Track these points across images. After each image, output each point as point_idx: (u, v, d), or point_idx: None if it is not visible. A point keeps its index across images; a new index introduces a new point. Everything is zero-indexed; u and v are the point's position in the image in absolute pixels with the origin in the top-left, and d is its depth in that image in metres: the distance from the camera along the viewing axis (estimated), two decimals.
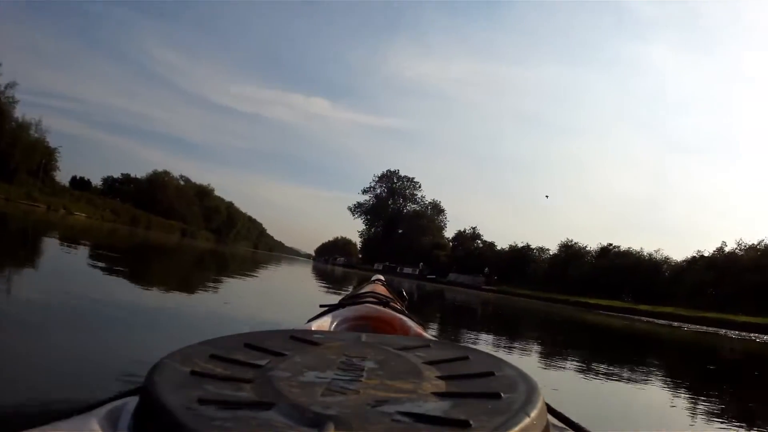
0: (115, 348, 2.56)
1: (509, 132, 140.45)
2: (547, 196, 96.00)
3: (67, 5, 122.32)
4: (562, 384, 4.16)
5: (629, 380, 5.09)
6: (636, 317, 31.82)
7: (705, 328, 27.43)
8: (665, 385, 5.25)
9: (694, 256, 55.77)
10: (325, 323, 1.41)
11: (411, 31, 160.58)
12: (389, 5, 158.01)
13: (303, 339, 0.70)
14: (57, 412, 0.54)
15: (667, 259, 60.16)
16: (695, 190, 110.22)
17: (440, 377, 0.57)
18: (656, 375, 6.18)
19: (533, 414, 0.48)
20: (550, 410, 0.60)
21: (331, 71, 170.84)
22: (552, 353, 6.64)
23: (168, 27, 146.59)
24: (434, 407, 0.48)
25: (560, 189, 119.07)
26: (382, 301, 1.69)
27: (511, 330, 10.09)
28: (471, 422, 0.45)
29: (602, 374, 5.15)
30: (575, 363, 5.94)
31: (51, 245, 9.60)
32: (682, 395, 4.83)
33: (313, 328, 1.25)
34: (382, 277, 3.00)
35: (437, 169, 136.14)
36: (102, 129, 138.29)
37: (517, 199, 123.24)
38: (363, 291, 2.06)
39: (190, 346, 0.62)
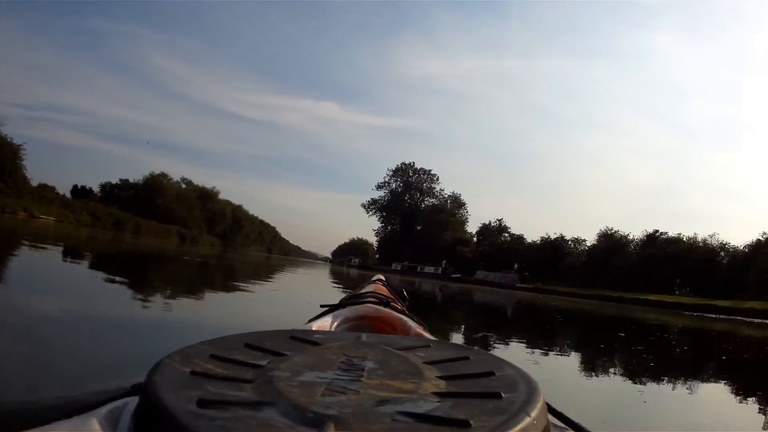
0: None
1: (521, 126, 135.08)
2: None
3: (67, 24, 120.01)
4: None
5: None
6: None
7: None
8: None
9: (759, 240, 47.69)
10: (325, 323, 1.40)
11: (416, 29, 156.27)
12: (393, 4, 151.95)
13: (303, 339, 0.70)
14: (57, 412, 0.53)
15: (725, 244, 52.28)
16: (718, 174, 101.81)
17: (440, 377, 0.57)
18: None
19: (534, 414, 0.48)
20: (551, 410, 0.60)
21: (338, 74, 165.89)
22: None
23: (172, 38, 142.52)
24: (434, 407, 0.48)
25: (581, 182, 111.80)
26: (383, 301, 1.69)
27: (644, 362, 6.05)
28: (471, 422, 0.45)
29: None
30: None
31: None
32: None
33: (313, 328, 1.26)
34: (382, 277, 2.94)
35: (451, 166, 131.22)
36: (110, 140, 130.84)
37: (537, 194, 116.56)
38: (363, 291, 2.02)
39: (190, 346, 0.62)
